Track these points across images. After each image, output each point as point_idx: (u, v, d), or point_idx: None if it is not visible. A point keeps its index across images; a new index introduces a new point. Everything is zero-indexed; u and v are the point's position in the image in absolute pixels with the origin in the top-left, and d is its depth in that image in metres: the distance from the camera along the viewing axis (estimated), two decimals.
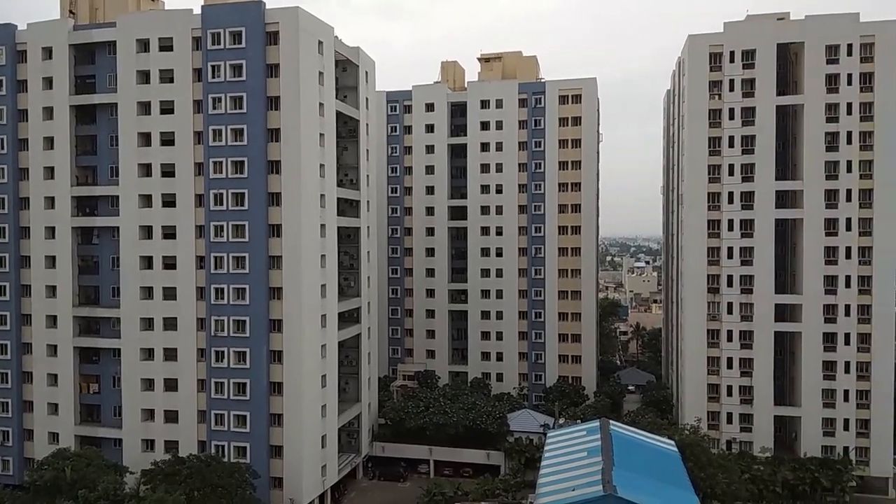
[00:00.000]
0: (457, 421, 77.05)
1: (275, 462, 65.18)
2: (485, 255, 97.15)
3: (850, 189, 71.81)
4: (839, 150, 71.99)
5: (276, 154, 64.48)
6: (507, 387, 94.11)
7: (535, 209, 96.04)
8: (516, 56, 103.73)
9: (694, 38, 76.30)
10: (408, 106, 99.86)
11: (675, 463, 48.81)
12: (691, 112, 76.18)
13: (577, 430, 54.08)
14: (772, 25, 75.25)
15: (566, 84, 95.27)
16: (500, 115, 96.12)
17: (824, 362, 72.50)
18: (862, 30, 71.59)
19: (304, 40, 64.41)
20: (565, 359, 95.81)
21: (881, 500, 69.82)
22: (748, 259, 74.54)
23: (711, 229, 75.56)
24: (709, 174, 75.32)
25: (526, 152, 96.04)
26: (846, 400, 71.99)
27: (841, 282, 72.12)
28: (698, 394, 75.99)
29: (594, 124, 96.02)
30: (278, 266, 64.64)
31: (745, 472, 66.74)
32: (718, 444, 73.72)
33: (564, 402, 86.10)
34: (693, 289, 76.50)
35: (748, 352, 74.52)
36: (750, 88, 74.15)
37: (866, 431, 71.71)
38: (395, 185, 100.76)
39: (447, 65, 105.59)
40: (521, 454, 74.96)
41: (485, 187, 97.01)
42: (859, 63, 71.57)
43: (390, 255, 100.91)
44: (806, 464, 70.14)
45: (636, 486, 39.87)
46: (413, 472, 78.75)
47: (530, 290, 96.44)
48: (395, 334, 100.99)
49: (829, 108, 72.28)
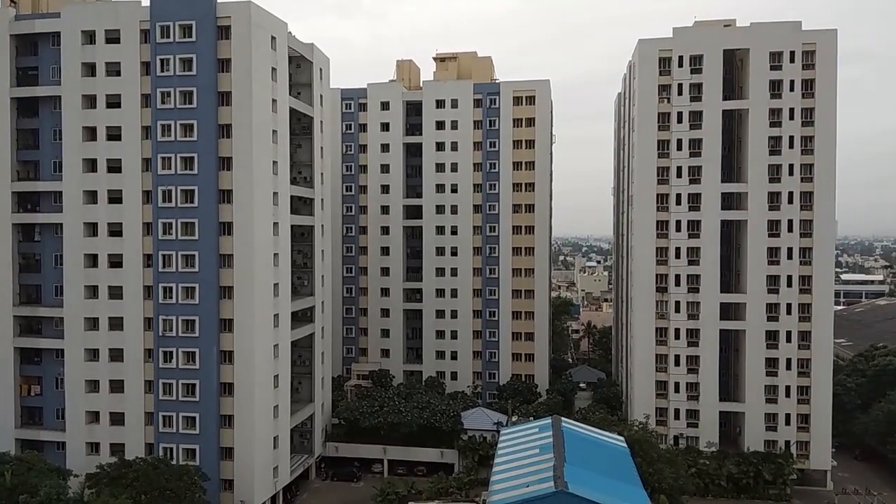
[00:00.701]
0: (411, 420, 77.06)
1: (225, 464, 64.11)
2: (440, 255, 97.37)
3: (791, 191, 74.41)
4: (782, 153, 74.54)
5: (227, 150, 63.42)
6: (462, 385, 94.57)
7: (489, 209, 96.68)
8: (471, 56, 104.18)
9: (644, 42, 77.94)
10: (363, 104, 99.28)
11: (624, 459, 49.82)
12: (641, 115, 77.82)
13: (529, 427, 54.69)
14: (718, 32, 77.45)
15: (520, 85, 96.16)
16: (455, 114, 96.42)
17: (767, 359, 74.98)
18: (804, 38, 74.21)
19: (256, 35, 63.50)
20: (519, 357, 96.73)
21: (820, 491, 72.47)
22: (695, 259, 76.56)
23: (660, 230, 77.34)
24: (658, 176, 77.08)
25: (481, 152, 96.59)
26: (787, 396, 74.56)
27: (783, 281, 74.69)
28: (647, 390, 77.71)
29: (547, 125, 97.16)
30: (229, 265, 63.58)
31: (691, 466, 68.73)
32: (666, 439, 75.51)
33: (518, 400, 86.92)
34: (642, 288, 78.19)
35: (695, 349, 76.56)
36: (697, 93, 76.13)
37: (806, 426, 74.38)
38: (349, 183, 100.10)
39: (403, 64, 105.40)
40: (474, 452, 75.49)
41: (440, 186, 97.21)
42: (801, 70, 74.19)
43: (345, 254, 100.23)
44: (749, 458, 72.59)
45: (587, 483, 40.57)
46: (367, 472, 78.46)
47: (485, 289, 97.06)
48: (349, 333, 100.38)
49: (773, 113, 74.73)
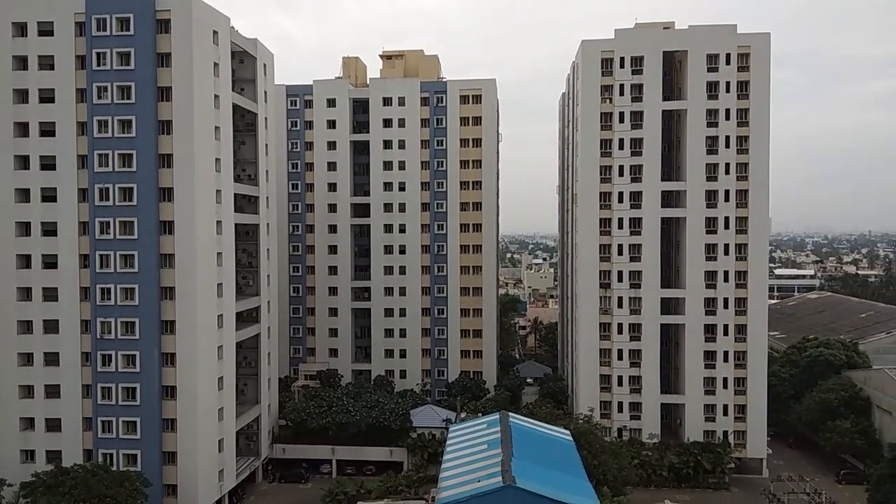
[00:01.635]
0: (360, 419, 76.75)
1: (168, 469, 62.59)
2: (388, 253, 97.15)
3: (727, 190, 77.05)
4: (718, 153, 77.09)
5: (167, 147, 61.84)
6: (411, 383, 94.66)
7: (437, 207, 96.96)
8: (418, 54, 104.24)
9: (587, 43, 79.42)
10: (309, 101, 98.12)
11: (570, 452, 50.86)
12: (584, 115, 79.31)
13: (478, 423, 55.25)
14: (658, 34, 79.52)
15: (467, 84, 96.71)
16: (402, 112, 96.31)
17: (705, 352, 77.48)
18: (739, 41, 76.88)
19: (197, 29, 62.06)
20: (467, 354, 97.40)
21: (756, 479, 75.27)
22: (637, 255, 78.55)
23: (603, 227, 79.04)
24: (601, 174, 78.72)
25: (428, 150, 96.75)
26: (725, 387, 77.25)
27: (720, 276, 77.29)
28: (591, 384, 79.36)
29: (494, 124, 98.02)
30: (170, 264, 62.04)
31: (634, 457, 70.55)
32: (610, 431, 77.31)
33: (466, 397, 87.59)
34: (586, 284, 79.77)
35: (637, 344, 78.55)
36: (638, 93, 78.05)
37: (743, 416, 77.21)
38: (296, 181, 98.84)
39: (349, 60, 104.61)
40: (423, 449, 75.71)
41: (388, 185, 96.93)
42: (736, 72, 76.83)
43: (291, 253, 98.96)
44: (690, 448, 74.96)
45: (534, 476, 41.25)
46: (315, 473, 77.78)
47: (433, 287, 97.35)
48: (296, 333, 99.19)
49: (710, 114, 77.17)
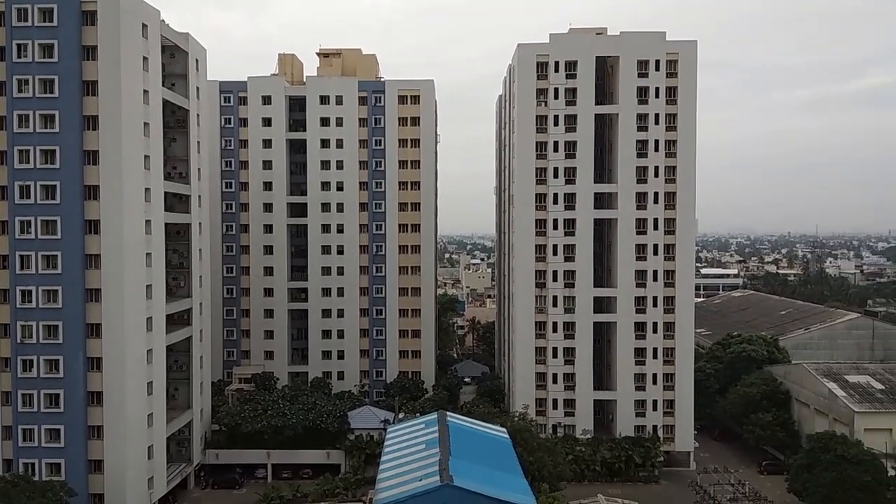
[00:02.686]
0: (296, 422, 75.75)
1: (94, 478, 60.33)
2: (326, 253, 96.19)
3: (657, 192, 79.71)
4: (648, 156, 79.66)
5: (93, 143, 59.59)
6: (349, 385, 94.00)
7: (376, 207, 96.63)
8: (356, 53, 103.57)
9: (522, 47, 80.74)
10: (243, 98, 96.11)
11: (506, 449, 51.63)
12: (520, 117, 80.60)
13: (416, 423, 55.43)
14: (591, 39, 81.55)
15: (405, 84, 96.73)
16: (340, 111, 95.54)
17: (636, 349, 79.99)
18: (667, 48, 79.63)
19: (125, 22, 60.03)
20: (406, 354, 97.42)
21: (684, 471, 78.12)
22: (571, 256, 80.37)
23: (539, 228, 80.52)
24: (536, 176, 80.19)
25: (367, 150, 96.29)
26: (654, 383, 79.90)
27: (650, 276, 79.90)
28: (527, 382, 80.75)
29: (432, 125, 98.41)
30: (97, 265, 59.81)
31: (569, 453, 72.19)
32: (545, 428, 78.87)
33: (405, 397, 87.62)
34: (522, 284, 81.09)
35: (571, 342, 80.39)
36: (572, 97, 79.84)
37: (671, 411, 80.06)
38: (229, 179, 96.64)
39: (285, 57, 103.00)
40: (361, 451, 75.35)
41: (325, 184, 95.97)
42: (665, 78, 79.57)
43: (225, 254, 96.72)
44: (621, 443, 77.23)
45: (471, 475, 41.72)
46: (250, 478, 76.31)
47: (371, 288, 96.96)
48: (230, 336, 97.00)
49: (640, 118, 79.69)
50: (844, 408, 71.34)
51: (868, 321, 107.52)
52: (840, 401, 72.31)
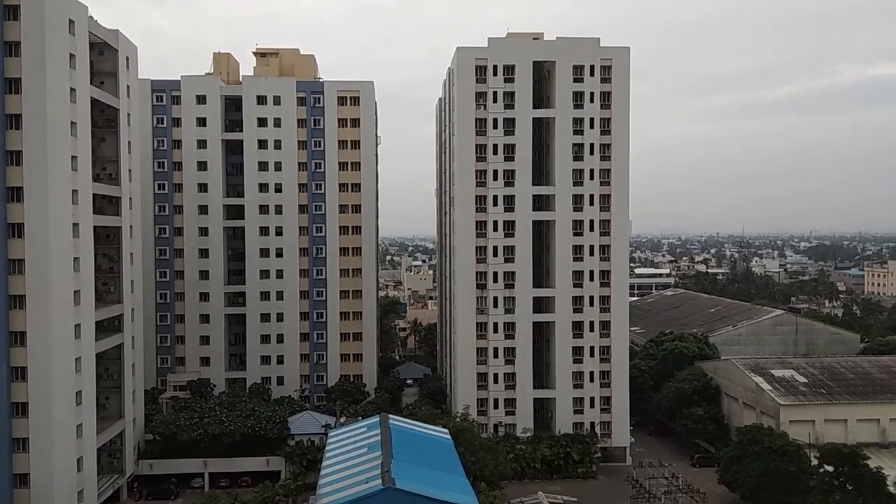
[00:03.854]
0: (234, 430, 74.19)
1: (20, 492, 57.53)
2: (264, 256, 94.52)
3: (592, 194, 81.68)
4: (584, 159, 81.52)
5: (16, 143, 56.89)
6: (289, 390, 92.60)
7: (315, 209, 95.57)
8: (294, 53, 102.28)
9: (461, 51, 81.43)
10: (176, 97, 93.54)
11: (448, 450, 51.89)
12: (460, 120, 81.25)
13: (357, 427, 55.09)
14: (529, 44, 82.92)
15: (344, 86, 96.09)
16: (277, 112, 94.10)
17: (574, 348, 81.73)
18: (602, 53, 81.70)
19: (50, 17, 57.61)
20: (347, 357, 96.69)
21: (620, 467, 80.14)
22: (511, 257, 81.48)
23: (479, 230, 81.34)
24: (476, 179, 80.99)
25: (306, 151, 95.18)
26: (592, 381, 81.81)
27: (586, 276, 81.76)
28: (469, 382, 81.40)
29: (373, 126, 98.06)
30: (20, 271, 57.11)
31: (509, 452, 73.16)
32: (487, 428, 79.68)
33: (346, 401, 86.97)
34: (463, 285, 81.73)
35: (511, 342, 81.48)
36: (511, 101, 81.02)
37: (608, 408, 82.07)
38: (162, 181, 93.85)
39: (220, 56, 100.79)
40: (302, 457, 74.42)
41: (263, 186, 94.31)
42: (600, 83, 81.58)
43: (158, 257, 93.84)
44: (560, 440, 78.77)
45: (414, 477, 41.77)
46: (186, 488, 74.33)
47: (312, 291, 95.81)
48: (164, 342, 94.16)
49: (576, 122, 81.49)
50: (770, 401, 74.65)
51: (792, 317, 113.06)
52: (766, 394, 75.64)
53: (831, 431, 71.58)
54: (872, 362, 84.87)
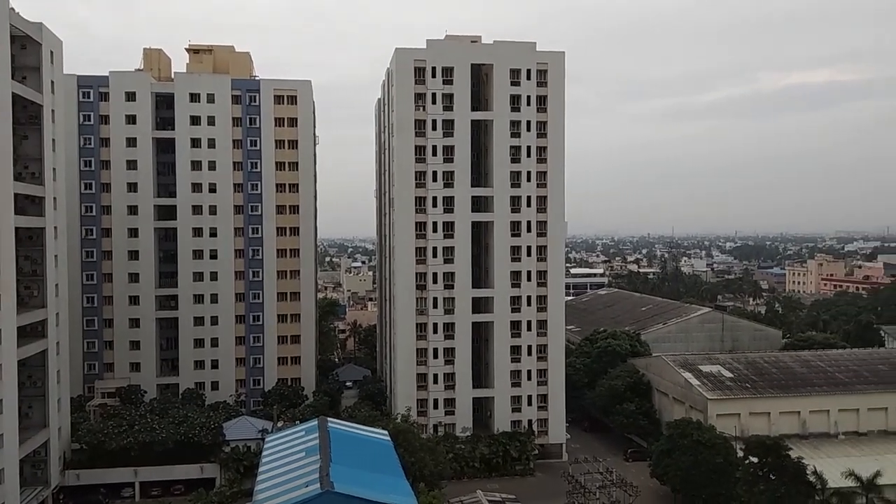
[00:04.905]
0: (166, 437, 72.16)
1: None
2: (197, 258, 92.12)
3: (529, 196, 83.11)
4: (521, 161, 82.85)
5: None
6: (224, 395, 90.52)
7: (251, 210, 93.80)
8: (228, 50, 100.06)
9: (400, 51, 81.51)
10: (104, 93, 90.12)
11: (388, 452, 51.89)
12: (399, 121, 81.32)
13: (295, 431, 54.44)
14: (466, 47, 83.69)
15: (281, 84, 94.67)
16: (211, 110, 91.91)
17: (512, 347, 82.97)
18: (538, 58, 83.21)
19: None
20: (285, 361, 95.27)
21: (557, 463, 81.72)
22: (450, 258, 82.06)
23: (419, 231, 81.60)
24: (416, 180, 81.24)
25: (241, 151, 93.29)
26: (529, 379, 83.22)
27: (524, 276, 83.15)
28: (409, 383, 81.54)
29: (310, 126, 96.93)
30: None
31: (449, 452, 73.68)
32: (427, 428, 80.00)
33: (284, 405, 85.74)
34: (403, 286, 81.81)
35: (451, 342, 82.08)
36: (449, 103, 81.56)
37: (545, 405, 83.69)
38: (89, 180, 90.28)
39: (151, 52, 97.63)
40: (238, 463, 73.02)
41: (196, 185, 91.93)
42: (536, 87, 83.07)
43: (85, 259, 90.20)
44: (499, 438, 79.84)
45: (353, 480, 41.64)
46: (115, 499, 71.88)
47: (248, 293, 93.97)
48: (91, 348, 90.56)
49: (513, 125, 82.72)
50: (699, 396, 77.58)
51: (718, 315, 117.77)
52: (695, 389, 78.58)
53: (756, 424, 74.90)
54: (793, 357, 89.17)
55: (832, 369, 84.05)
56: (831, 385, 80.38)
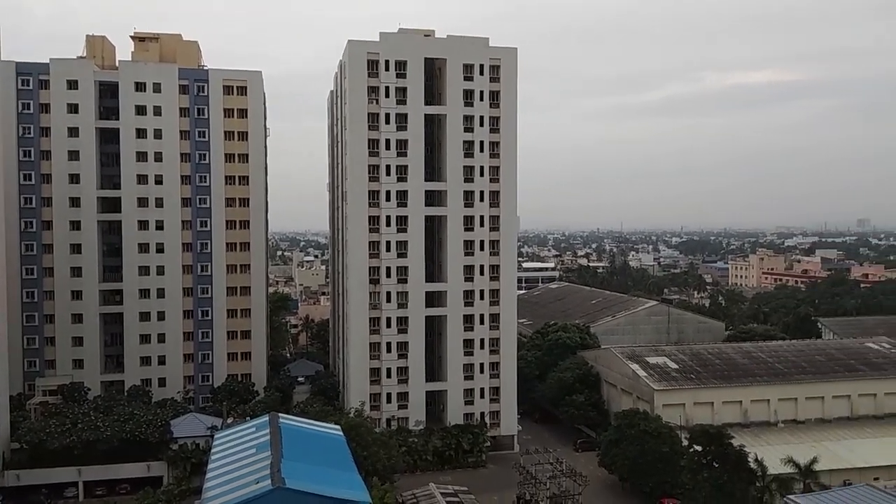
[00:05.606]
0: (111, 435, 70.34)
1: None
2: (143, 252, 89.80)
3: (482, 190, 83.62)
4: (474, 156, 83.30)
5: None
6: (171, 391, 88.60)
7: (200, 202, 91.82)
8: (176, 39, 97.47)
9: (353, 44, 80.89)
10: (44, 81, 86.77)
11: (340, 447, 51.82)
12: (352, 114, 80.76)
13: (246, 427, 53.87)
14: (420, 41, 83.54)
15: (231, 75, 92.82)
16: (158, 99, 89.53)
17: (465, 340, 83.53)
18: (491, 53, 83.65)
19: None
20: (235, 356, 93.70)
21: (508, 454, 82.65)
22: (404, 252, 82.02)
23: (372, 225, 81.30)
24: (369, 173, 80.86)
25: (189, 142, 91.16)
26: (482, 372, 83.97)
27: (476, 270, 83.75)
28: (362, 378, 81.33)
29: (261, 118, 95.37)
30: None
31: (402, 445, 73.89)
32: (380, 422, 79.93)
33: (234, 401, 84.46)
34: (356, 280, 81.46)
35: (404, 336, 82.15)
36: (403, 96, 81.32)
37: (497, 398, 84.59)
38: (28, 171, 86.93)
39: (94, 40, 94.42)
40: (186, 461, 71.73)
41: (142, 177, 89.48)
42: (489, 82, 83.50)
43: (23, 253, 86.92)
44: (451, 431, 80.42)
45: (305, 475, 41.48)
46: (58, 499, 69.70)
47: (196, 288, 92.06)
48: (31, 344, 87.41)
49: (466, 120, 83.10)
50: (646, 387, 79.60)
51: (664, 308, 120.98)
52: (642, 380, 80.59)
53: (700, 413, 77.28)
54: (735, 348, 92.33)
55: (772, 360, 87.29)
56: (771, 375, 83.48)
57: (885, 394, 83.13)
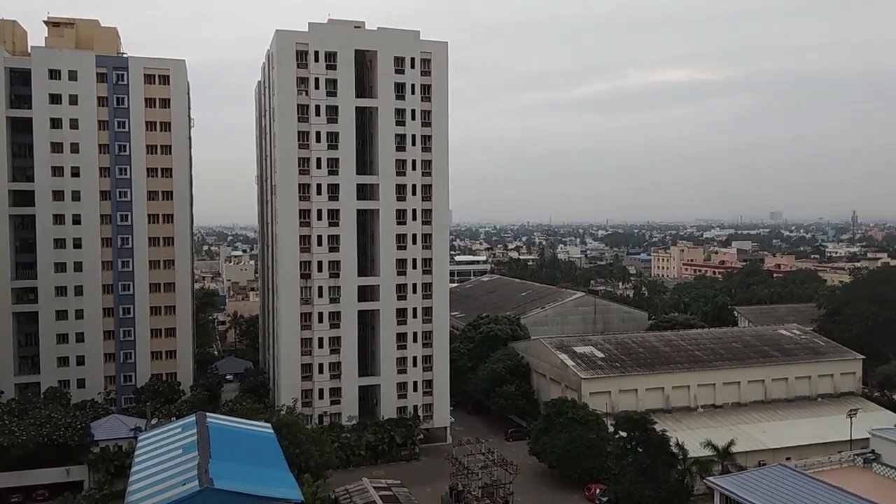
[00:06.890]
0: (27, 439, 66.99)
1: None
2: (59, 247, 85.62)
3: (415, 184, 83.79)
4: (406, 150, 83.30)
5: None
6: (92, 392, 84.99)
7: (120, 195, 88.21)
8: (93, 24, 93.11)
9: (281, 33, 79.36)
10: None
11: (271, 445, 51.20)
12: (281, 106, 79.30)
13: (171, 428, 52.53)
14: (350, 32, 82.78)
15: (153, 63, 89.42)
16: (74, 88, 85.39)
17: (398, 334, 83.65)
18: (422, 47, 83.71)
19: None
20: (159, 355, 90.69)
21: (442, 446, 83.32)
22: (335, 246, 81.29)
23: (303, 218, 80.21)
24: (299, 166, 79.68)
25: (108, 132, 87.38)
26: (415, 365, 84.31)
27: (409, 264, 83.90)
28: (293, 374, 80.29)
29: (184, 108, 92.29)
30: None
31: (335, 441, 73.52)
32: (312, 419, 79.21)
33: (158, 401, 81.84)
34: (287, 275, 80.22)
35: (336, 331, 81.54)
36: (333, 88, 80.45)
37: (430, 390, 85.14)
38: None
39: (4, 24, 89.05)
40: (108, 464, 69.17)
41: (57, 169, 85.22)
42: (420, 76, 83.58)
43: None
44: (385, 425, 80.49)
45: (234, 475, 40.83)
46: None
47: (117, 285, 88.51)
48: None
49: (398, 113, 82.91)
50: (574, 376, 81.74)
51: (591, 299, 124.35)
52: (570, 370, 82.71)
53: (625, 400, 79.96)
54: (658, 337, 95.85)
55: (692, 348, 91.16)
56: (691, 362, 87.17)
57: (796, 378, 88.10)
